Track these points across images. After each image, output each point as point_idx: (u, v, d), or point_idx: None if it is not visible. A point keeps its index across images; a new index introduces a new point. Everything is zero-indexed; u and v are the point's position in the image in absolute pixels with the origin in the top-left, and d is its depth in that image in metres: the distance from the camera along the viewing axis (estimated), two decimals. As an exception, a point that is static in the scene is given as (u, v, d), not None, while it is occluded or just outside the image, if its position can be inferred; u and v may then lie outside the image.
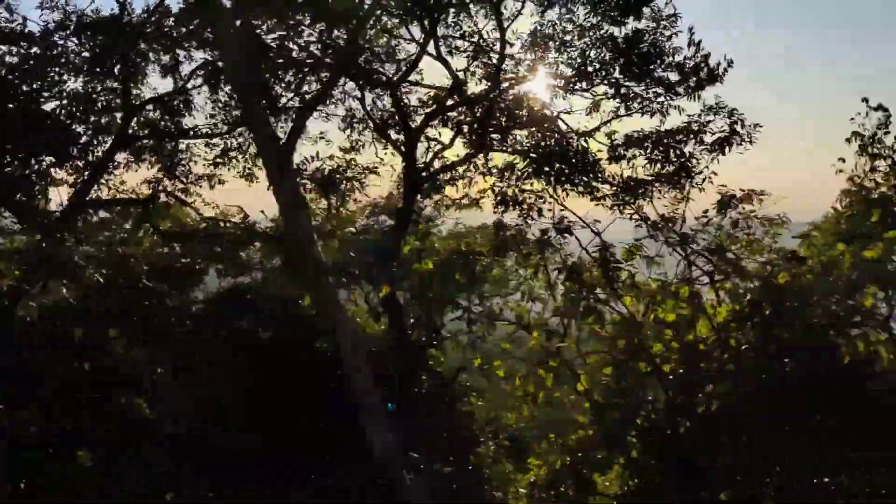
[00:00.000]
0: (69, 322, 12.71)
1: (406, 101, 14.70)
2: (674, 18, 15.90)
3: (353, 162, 15.68)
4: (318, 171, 15.40)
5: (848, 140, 15.88)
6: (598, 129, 16.18)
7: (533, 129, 15.88)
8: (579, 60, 16.33)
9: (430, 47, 14.83)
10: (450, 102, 15.69)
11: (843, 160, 15.78)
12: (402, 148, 14.90)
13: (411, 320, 13.31)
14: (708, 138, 14.15)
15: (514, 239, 13.00)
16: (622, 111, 16.17)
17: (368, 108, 15.40)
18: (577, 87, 16.44)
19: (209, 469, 11.18)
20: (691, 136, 14.08)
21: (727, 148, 13.80)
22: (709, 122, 14.12)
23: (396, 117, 14.65)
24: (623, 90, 16.08)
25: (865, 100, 15.58)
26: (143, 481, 11.05)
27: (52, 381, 11.91)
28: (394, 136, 15.95)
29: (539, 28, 16.28)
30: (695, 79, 15.32)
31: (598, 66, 16.00)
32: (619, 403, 13.04)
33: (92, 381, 12.40)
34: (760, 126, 13.90)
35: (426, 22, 14.79)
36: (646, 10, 15.93)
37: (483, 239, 14.05)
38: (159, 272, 16.22)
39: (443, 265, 11.80)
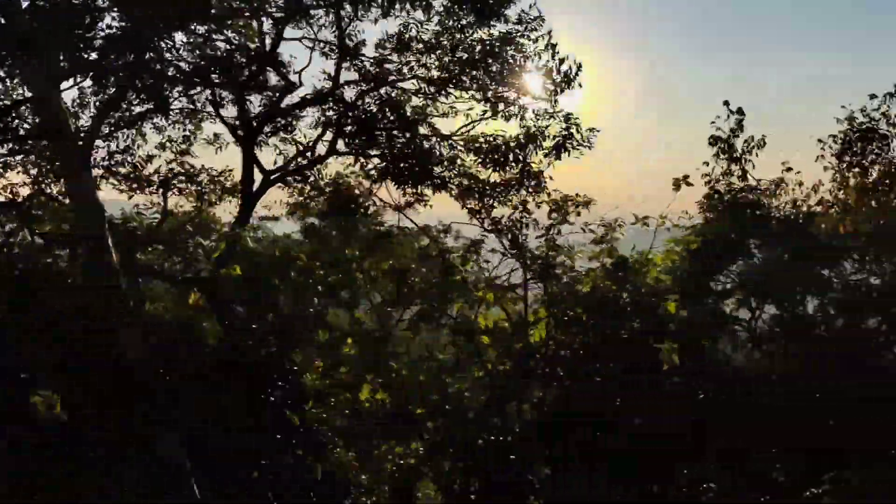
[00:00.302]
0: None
1: (249, 101, 14.38)
2: (540, 21, 15.81)
3: (185, 163, 15.36)
4: (157, 172, 15.11)
5: (711, 143, 15.83)
6: (458, 132, 16.12)
7: (395, 131, 15.62)
8: (447, 62, 16.16)
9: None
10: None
11: (707, 164, 15.72)
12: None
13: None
14: (549, 143, 13.91)
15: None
16: (489, 114, 16.10)
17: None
18: (443, 90, 16.24)
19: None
20: (531, 141, 13.83)
21: (563, 153, 13.59)
22: (547, 126, 13.88)
23: (238, 120, 14.37)
24: (489, 93, 16.02)
25: (726, 102, 15.54)
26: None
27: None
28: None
29: (403, 30, 16.05)
30: (551, 83, 15.17)
31: (460, 68, 15.83)
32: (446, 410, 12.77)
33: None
34: (597, 130, 13.75)
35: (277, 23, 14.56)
36: (511, 13, 15.83)
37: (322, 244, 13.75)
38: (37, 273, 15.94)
39: (257, 270, 11.51)
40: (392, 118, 15.36)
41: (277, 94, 14.27)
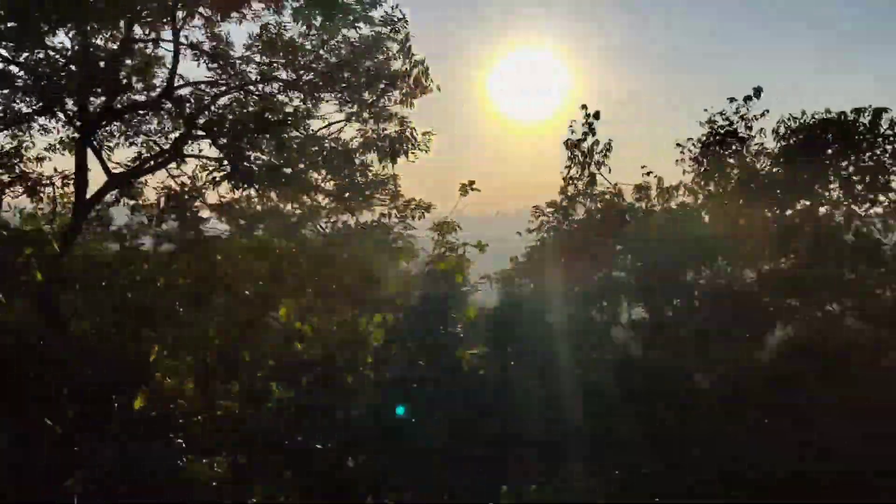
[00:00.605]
0: None
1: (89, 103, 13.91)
2: (404, 22, 15.60)
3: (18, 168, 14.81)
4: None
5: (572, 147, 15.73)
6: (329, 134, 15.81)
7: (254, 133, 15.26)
8: (312, 64, 15.90)
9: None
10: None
11: (570, 167, 15.62)
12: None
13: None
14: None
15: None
16: (353, 117, 15.87)
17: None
18: (310, 92, 15.96)
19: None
20: (370, 145, 13.65)
21: (398, 156, 13.42)
22: (384, 130, 13.70)
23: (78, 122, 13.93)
24: (355, 96, 15.77)
25: (584, 106, 15.45)
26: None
27: None
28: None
29: (265, 31, 15.73)
30: (407, 88, 15.01)
31: (325, 70, 15.57)
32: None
33: None
34: (433, 133, 13.63)
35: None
36: (377, 15, 15.60)
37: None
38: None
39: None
40: (250, 120, 15.05)
41: (116, 95, 13.82)
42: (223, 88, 15.62)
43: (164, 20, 14.67)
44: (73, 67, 13.47)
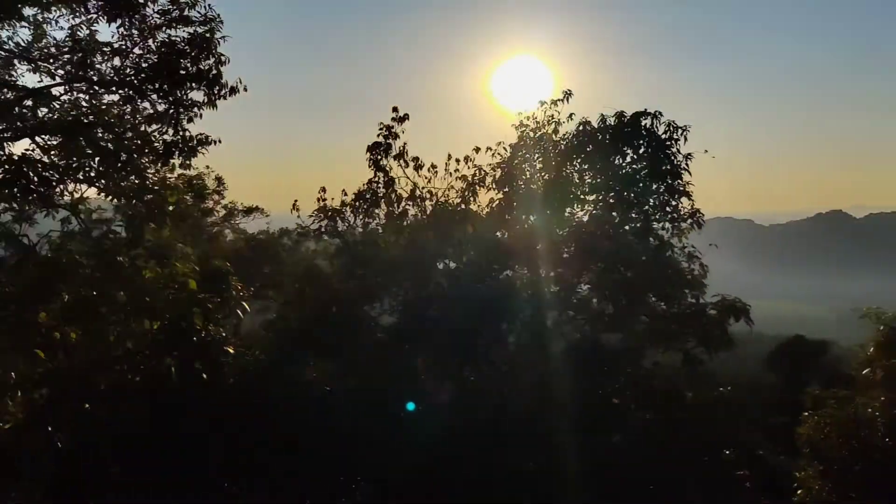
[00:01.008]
0: None
1: None
2: (219, 22, 15.45)
3: None
4: None
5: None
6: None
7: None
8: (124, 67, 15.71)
9: None
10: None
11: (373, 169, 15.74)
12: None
13: None
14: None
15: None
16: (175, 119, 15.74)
17: None
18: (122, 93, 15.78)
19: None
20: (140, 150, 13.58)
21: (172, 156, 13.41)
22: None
23: None
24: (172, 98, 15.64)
25: (395, 108, 15.57)
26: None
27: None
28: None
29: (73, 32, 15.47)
30: (217, 90, 14.89)
31: (136, 72, 15.39)
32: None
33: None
34: (210, 137, 13.63)
35: None
36: (197, 14, 15.43)
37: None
38: None
39: None
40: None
41: None
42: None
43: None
44: None
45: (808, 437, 12.76)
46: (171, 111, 15.37)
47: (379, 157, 14.64)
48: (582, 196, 13.96)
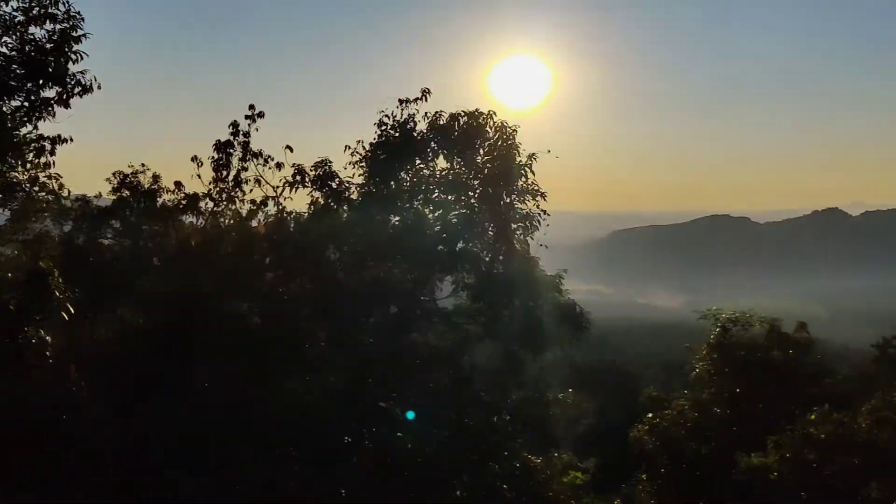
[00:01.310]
0: None
1: None
2: (80, 20, 15.43)
3: None
4: None
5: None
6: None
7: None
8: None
9: None
10: None
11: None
12: None
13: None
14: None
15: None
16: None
17: None
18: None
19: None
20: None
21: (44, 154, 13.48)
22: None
23: None
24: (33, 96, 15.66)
25: (251, 106, 15.57)
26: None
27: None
28: None
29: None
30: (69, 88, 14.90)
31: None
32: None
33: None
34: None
35: None
36: (59, 12, 15.41)
37: None
38: None
39: None
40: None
41: None
42: None
43: None
44: None
45: (637, 440, 12.73)
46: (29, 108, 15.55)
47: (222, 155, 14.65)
48: (398, 200, 13.94)
